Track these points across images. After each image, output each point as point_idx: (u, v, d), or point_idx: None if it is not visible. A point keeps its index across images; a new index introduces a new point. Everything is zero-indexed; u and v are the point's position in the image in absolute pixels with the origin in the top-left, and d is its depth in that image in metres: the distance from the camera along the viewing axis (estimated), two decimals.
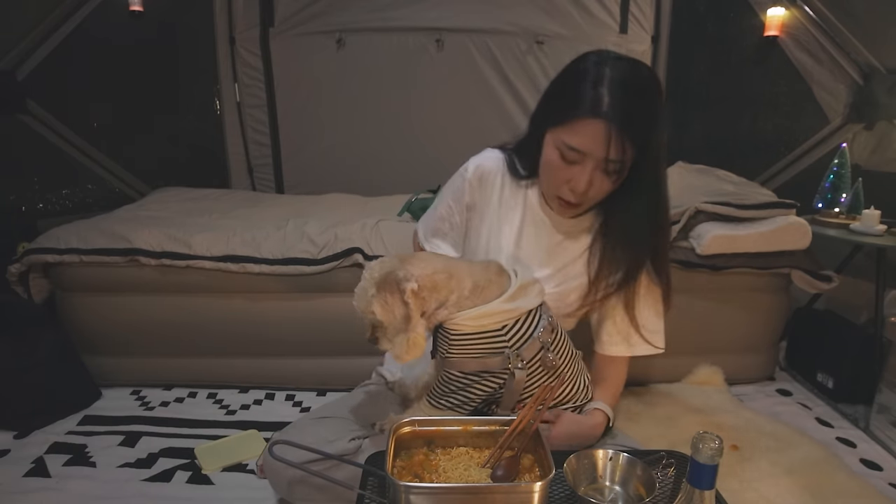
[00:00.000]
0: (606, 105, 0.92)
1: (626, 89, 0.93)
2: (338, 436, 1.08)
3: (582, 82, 0.95)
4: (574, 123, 0.95)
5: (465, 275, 0.98)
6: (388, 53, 2.82)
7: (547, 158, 1.02)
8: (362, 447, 1.08)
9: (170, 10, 2.80)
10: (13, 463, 1.48)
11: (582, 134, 0.94)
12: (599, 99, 0.92)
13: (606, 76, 0.93)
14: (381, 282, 0.96)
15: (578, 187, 0.99)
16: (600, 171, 0.98)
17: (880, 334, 1.76)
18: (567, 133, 0.96)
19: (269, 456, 0.94)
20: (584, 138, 0.94)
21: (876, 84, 2.32)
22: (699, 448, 0.61)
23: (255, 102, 2.90)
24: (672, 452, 0.94)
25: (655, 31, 2.80)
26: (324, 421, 1.14)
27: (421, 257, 1.03)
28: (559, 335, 1.05)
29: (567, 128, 0.96)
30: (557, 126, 0.98)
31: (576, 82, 0.97)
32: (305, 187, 2.91)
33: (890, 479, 1.48)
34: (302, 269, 1.77)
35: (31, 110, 2.51)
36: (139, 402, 1.82)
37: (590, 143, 0.94)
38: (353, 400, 1.24)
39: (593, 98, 0.93)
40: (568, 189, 1.01)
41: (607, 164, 0.96)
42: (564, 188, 1.01)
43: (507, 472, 0.85)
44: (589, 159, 0.96)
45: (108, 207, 2.19)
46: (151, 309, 1.84)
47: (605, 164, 0.96)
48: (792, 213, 1.77)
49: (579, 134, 0.95)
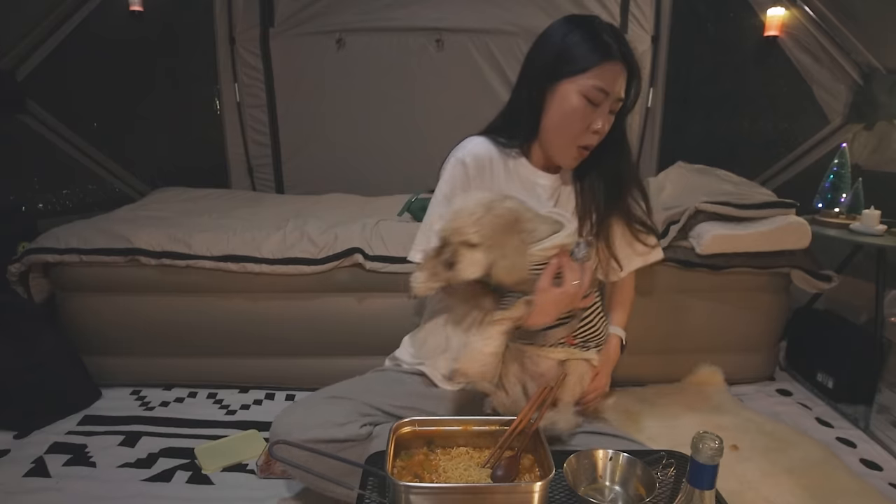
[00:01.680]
0: (617, 50, 1.06)
1: (620, 39, 1.08)
2: (348, 419, 1.07)
3: (591, 33, 1.07)
4: (600, 66, 1.05)
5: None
6: (388, 53, 2.82)
7: (570, 107, 1.08)
8: (373, 433, 1.08)
9: (170, 10, 2.79)
10: (13, 463, 1.48)
11: (611, 76, 1.06)
12: (610, 45, 1.06)
13: (603, 28, 1.08)
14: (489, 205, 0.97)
15: (604, 127, 1.08)
16: (609, 112, 1.09)
17: (880, 334, 1.76)
18: (594, 77, 1.05)
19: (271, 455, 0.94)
20: (609, 79, 1.06)
21: (876, 84, 2.32)
22: (699, 448, 0.61)
23: (255, 102, 2.90)
24: (672, 452, 0.95)
25: (655, 31, 2.80)
26: (335, 401, 1.13)
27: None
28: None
29: (594, 72, 1.05)
30: (579, 74, 1.06)
31: (584, 34, 1.07)
32: (305, 187, 2.90)
33: (890, 479, 1.48)
34: (302, 269, 1.77)
35: (31, 110, 2.51)
36: (139, 402, 1.82)
37: (612, 83, 1.06)
38: (367, 382, 1.23)
39: (607, 45, 1.05)
40: (591, 132, 1.09)
41: (615, 104, 1.09)
42: (587, 133, 1.09)
43: (507, 472, 0.85)
44: (608, 100, 1.07)
45: (108, 207, 2.18)
46: (151, 309, 1.84)
47: (614, 104, 1.08)
48: (792, 213, 1.77)
49: (608, 77, 1.05)
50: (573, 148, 1.12)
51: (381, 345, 1.69)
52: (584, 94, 1.06)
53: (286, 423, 1.07)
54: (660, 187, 2.24)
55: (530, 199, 1.15)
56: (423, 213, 2.03)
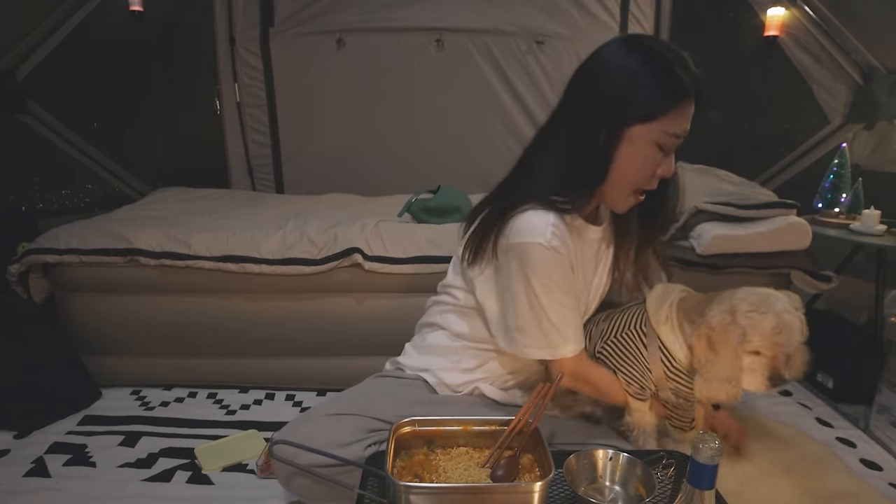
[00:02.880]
0: (690, 85, 0.95)
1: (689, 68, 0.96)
2: (353, 438, 1.05)
3: (661, 69, 0.94)
4: (679, 110, 0.95)
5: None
6: (388, 53, 2.82)
7: (640, 155, 0.97)
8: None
9: (170, 10, 2.79)
10: (13, 463, 1.48)
11: (684, 115, 0.96)
12: (684, 82, 0.94)
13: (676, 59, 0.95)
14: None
15: (670, 171, 1.00)
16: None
17: (880, 334, 1.76)
18: (671, 122, 0.95)
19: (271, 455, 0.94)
20: (684, 120, 0.96)
21: (876, 84, 2.32)
22: (699, 448, 0.61)
23: (255, 102, 2.89)
24: (672, 452, 0.95)
25: (655, 32, 2.80)
26: (340, 418, 1.09)
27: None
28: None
29: (670, 117, 0.95)
30: (654, 120, 0.95)
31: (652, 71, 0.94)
32: (305, 187, 2.90)
33: (890, 479, 1.48)
34: (301, 269, 1.77)
35: (31, 110, 2.51)
36: (139, 402, 1.82)
37: (686, 123, 0.97)
38: (369, 393, 1.20)
39: (682, 82, 0.94)
40: (656, 178, 1.01)
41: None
42: (653, 179, 1.01)
43: (507, 472, 0.85)
44: (679, 141, 0.98)
45: (108, 207, 2.19)
46: (151, 309, 1.84)
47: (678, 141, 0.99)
48: (792, 214, 1.77)
49: (682, 117, 0.96)
50: (633, 195, 1.03)
51: (380, 345, 1.69)
52: (658, 142, 0.96)
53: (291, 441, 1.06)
54: None
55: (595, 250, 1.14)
56: (424, 214, 2.05)
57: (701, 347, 0.90)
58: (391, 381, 1.25)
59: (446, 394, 1.21)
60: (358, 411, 1.11)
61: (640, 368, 1.10)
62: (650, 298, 1.10)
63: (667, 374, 1.06)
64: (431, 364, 1.24)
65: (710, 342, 0.89)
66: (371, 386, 1.24)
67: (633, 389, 1.11)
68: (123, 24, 2.64)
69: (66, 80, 2.60)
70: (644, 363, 1.08)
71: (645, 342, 1.07)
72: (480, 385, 1.21)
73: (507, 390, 1.23)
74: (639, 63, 0.95)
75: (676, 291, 1.10)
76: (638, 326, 1.11)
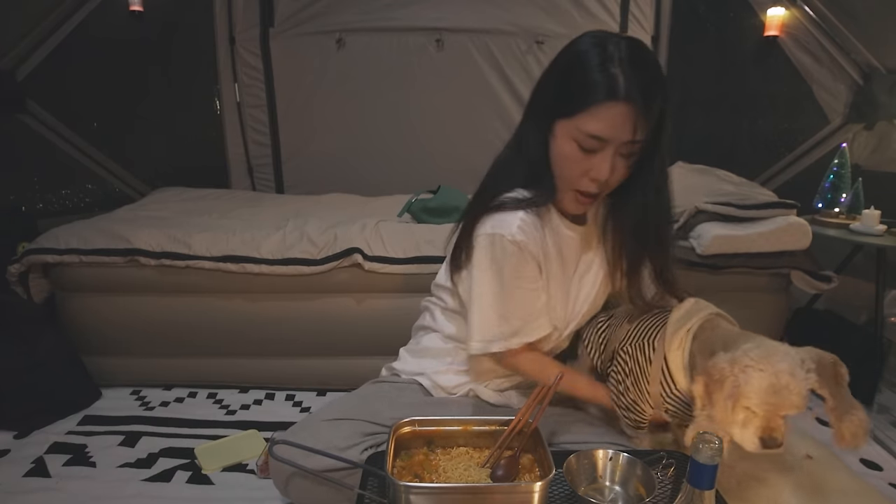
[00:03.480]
0: (623, 85, 0.87)
1: (635, 66, 0.89)
2: (350, 442, 1.04)
3: (589, 65, 0.90)
4: (592, 110, 0.89)
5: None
6: (388, 53, 2.82)
7: (561, 152, 0.96)
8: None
9: (170, 10, 2.79)
10: (13, 463, 1.48)
11: (602, 119, 0.89)
12: (615, 80, 0.88)
13: (614, 55, 0.89)
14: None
15: (601, 175, 0.93)
16: (619, 156, 0.94)
17: (880, 334, 1.76)
18: (585, 121, 0.90)
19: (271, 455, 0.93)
20: (604, 124, 0.89)
21: (876, 84, 2.32)
22: (699, 448, 0.61)
23: (255, 102, 2.89)
24: (672, 452, 0.95)
25: (655, 31, 2.80)
26: (337, 423, 1.09)
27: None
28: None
29: (584, 116, 0.90)
30: (571, 116, 0.92)
31: (581, 67, 0.91)
32: (305, 187, 2.90)
33: (890, 479, 1.48)
34: (301, 269, 1.76)
35: (31, 110, 2.51)
36: (139, 402, 1.82)
37: (611, 129, 0.90)
38: (365, 399, 1.20)
39: (608, 80, 0.88)
40: (588, 180, 0.96)
41: (627, 147, 0.92)
42: (584, 180, 0.96)
43: (507, 472, 0.85)
44: (610, 145, 0.91)
45: (108, 207, 2.18)
46: (151, 309, 1.84)
47: (624, 147, 0.92)
48: (792, 214, 1.77)
49: (600, 120, 0.89)
50: (572, 193, 1.00)
51: (380, 345, 1.69)
52: (577, 140, 0.92)
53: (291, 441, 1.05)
54: None
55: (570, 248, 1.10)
56: (424, 214, 2.05)
57: (698, 392, 0.90)
58: (387, 385, 1.25)
59: (442, 396, 1.21)
60: (354, 416, 1.11)
61: (642, 383, 1.08)
62: (673, 317, 1.06)
63: (664, 396, 1.05)
64: (426, 367, 1.24)
65: (707, 389, 0.88)
66: (367, 391, 1.24)
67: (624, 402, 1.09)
68: (123, 24, 2.64)
69: (66, 80, 2.60)
70: (646, 378, 1.07)
71: (652, 358, 1.06)
72: (475, 387, 1.20)
73: (503, 392, 1.22)
74: (572, 60, 0.94)
75: (702, 315, 1.05)
76: (652, 340, 1.09)
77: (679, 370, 1.01)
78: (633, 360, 1.09)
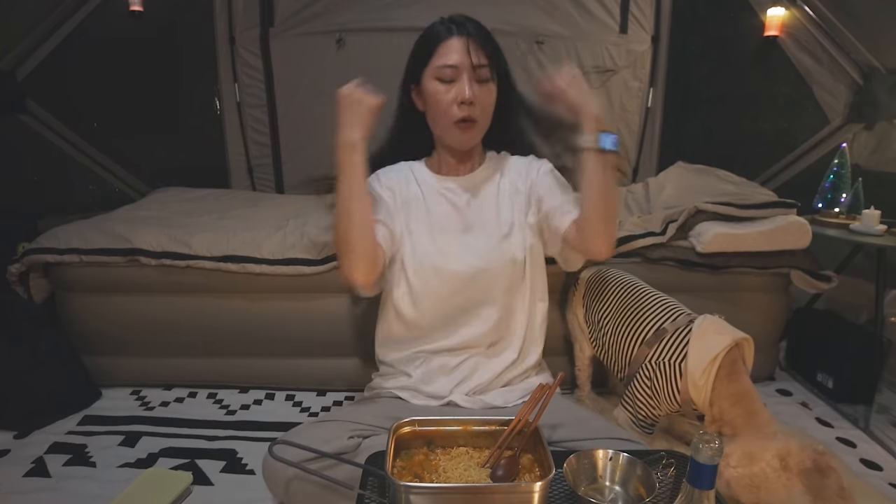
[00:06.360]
0: (457, 27, 1.18)
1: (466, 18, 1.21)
2: (335, 434, 1.07)
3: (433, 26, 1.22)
4: (440, 49, 1.17)
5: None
6: (388, 53, 2.81)
7: (431, 92, 1.19)
8: (362, 445, 1.07)
9: (170, 10, 2.79)
10: (13, 463, 1.48)
11: (448, 52, 1.17)
12: (451, 23, 1.19)
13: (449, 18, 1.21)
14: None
15: (465, 94, 1.16)
16: (475, 82, 1.17)
17: (880, 334, 1.76)
18: (437, 58, 1.18)
19: (268, 458, 0.93)
20: (450, 54, 1.17)
21: (876, 84, 2.32)
22: (699, 448, 0.61)
23: (255, 102, 2.89)
24: (672, 452, 0.95)
25: (655, 31, 2.80)
26: (321, 424, 1.14)
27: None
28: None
29: (436, 56, 1.18)
30: (426, 65, 1.19)
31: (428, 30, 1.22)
32: (305, 187, 2.90)
33: (890, 479, 1.48)
34: (302, 269, 1.77)
35: (31, 110, 2.52)
36: (139, 402, 1.82)
37: (457, 55, 1.16)
38: (348, 408, 1.26)
39: (446, 26, 1.19)
40: (458, 105, 1.17)
41: (477, 72, 1.17)
42: (454, 107, 1.17)
43: (507, 472, 0.85)
44: (462, 71, 1.16)
45: (108, 207, 2.18)
46: (151, 309, 1.84)
47: (475, 73, 1.17)
48: (792, 213, 1.77)
49: (447, 53, 1.17)
50: (452, 128, 1.20)
51: None
52: (436, 77, 1.18)
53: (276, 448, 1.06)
54: (660, 187, 2.24)
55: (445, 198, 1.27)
56: None
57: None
58: (368, 400, 1.27)
59: (422, 403, 1.21)
60: (338, 418, 1.15)
61: (664, 398, 1.28)
62: (693, 342, 1.26)
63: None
64: (401, 381, 1.25)
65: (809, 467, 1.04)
66: (350, 405, 1.31)
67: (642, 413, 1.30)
68: (123, 24, 2.64)
69: (66, 80, 2.60)
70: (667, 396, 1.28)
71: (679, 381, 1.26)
72: (452, 397, 1.21)
73: (472, 396, 1.22)
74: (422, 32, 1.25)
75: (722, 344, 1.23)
76: (675, 362, 1.28)
77: (701, 397, 1.23)
78: (651, 380, 1.32)
